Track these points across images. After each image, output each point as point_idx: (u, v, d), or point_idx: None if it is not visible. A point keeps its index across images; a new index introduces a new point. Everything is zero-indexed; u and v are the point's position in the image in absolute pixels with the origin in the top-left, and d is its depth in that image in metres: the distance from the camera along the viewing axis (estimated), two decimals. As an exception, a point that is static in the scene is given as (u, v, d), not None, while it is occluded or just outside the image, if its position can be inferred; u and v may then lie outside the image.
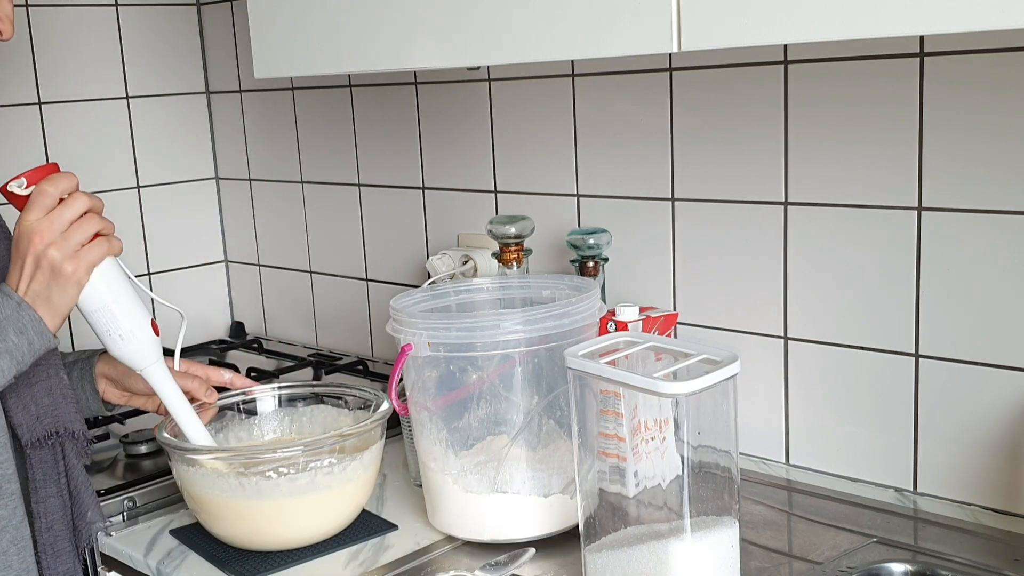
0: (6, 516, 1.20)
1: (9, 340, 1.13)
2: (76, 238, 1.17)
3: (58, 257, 1.15)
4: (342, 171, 2.09)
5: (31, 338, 1.15)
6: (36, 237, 1.15)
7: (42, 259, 1.15)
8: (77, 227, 1.17)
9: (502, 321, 1.24)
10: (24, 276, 1.16)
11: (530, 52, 1.15)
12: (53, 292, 1.16)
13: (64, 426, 1.26)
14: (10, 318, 1.14)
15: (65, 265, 1.16)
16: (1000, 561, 1.19)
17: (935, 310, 1.32)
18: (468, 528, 1.31)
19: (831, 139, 1.37)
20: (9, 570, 1.20)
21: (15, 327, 1.14)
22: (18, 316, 1.14)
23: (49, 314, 1.16)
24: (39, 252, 1.15)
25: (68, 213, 1.17)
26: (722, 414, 1.07)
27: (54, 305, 1.17)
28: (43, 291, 1.16)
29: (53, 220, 1.16)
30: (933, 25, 0.86)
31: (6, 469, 1.20)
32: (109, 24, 2.17)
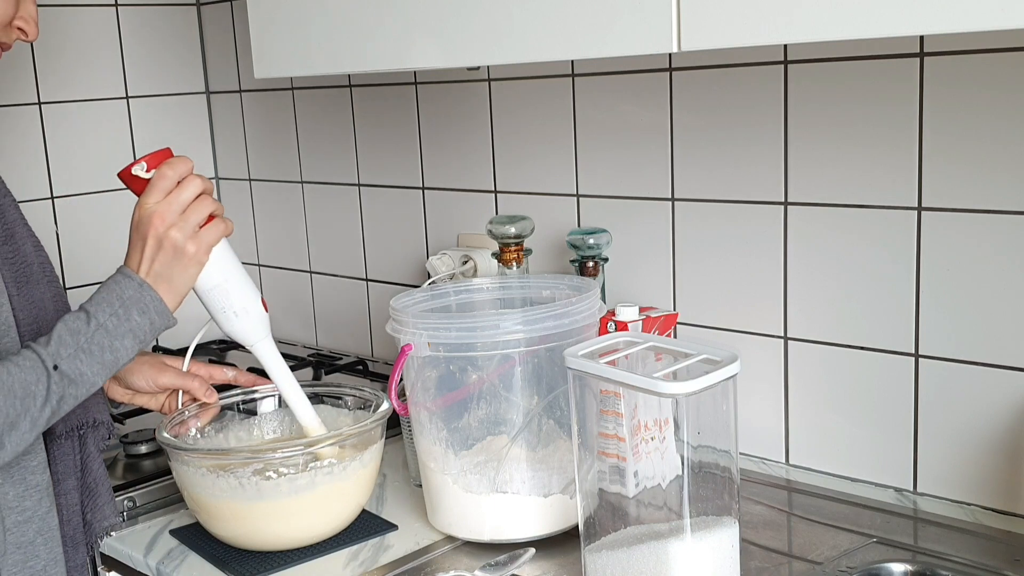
0: (32, 507, 1.21)
1: (133, 320, 1.16)
2: (194, 219, 1.21)
3: (180, 238, 1.19)
4: (342, 171, 2.10)
5: (152, 318, 1.17)
6: (157, 219, 1.18)
7: (164, 240, 1.19)
8: (194, 208, 1.21)
9: (502, 321, 1.24)
10: (146, 257, 1.18)
11: (530, 52, 1.15)
12: (175, 272, 1.20)
13: (93, 416, 1.28)
14: (133, 298, 1.16)
15: (188, 245, 1.20)
16: (1000, 561, 1.19)
17: (935, 310, 1.32)
18: (468, 528, 1.31)
19: (831, 139, 1.37)
20: (36, 560, 1.21)
21: (138, 307, 1.16)
22: (140, 296, 1.17)
23: (169, 294, 1.19)
24: (161, 233, 1.18)
25: (186, 195, 1.20)
26: (722, 414, 1.06)
27: (175, 285, 1.20)
28: (165, 271, 1.19)
29: (172, 202, 1.19)
30: (933, 25, 0.86)
31: (33, 460, 1.21)
32: (109, 24, 2.17)
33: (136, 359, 1.38)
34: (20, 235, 1.25)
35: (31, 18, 1.23)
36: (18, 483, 1.20)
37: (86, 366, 1.13)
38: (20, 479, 1.20)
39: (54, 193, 2.11)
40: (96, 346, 1.14)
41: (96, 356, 1.14)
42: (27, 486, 1.20)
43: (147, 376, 1.38)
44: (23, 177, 2.02)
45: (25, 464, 1.20)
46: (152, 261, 1.19)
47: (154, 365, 1.38)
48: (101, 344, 1.14)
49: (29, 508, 1.21)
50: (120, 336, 1.15)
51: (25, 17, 1.22)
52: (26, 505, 1.20)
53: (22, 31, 1.22)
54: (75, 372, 1.12)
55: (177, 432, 1.37)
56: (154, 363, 1.38)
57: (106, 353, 1.14)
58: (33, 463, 1.21)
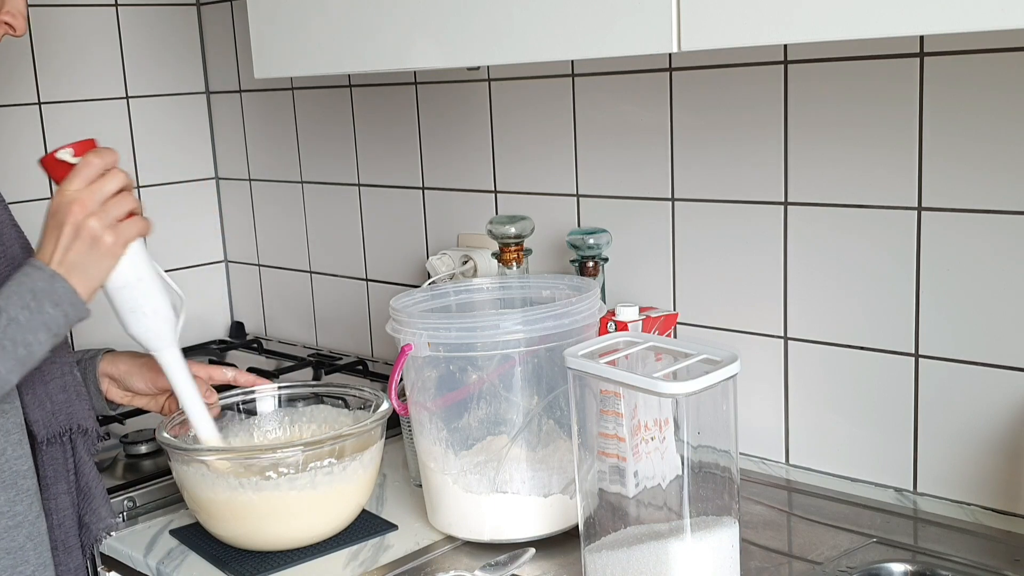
0: (22, 512, 1.20)
1: (46, 312, 1.12)
2: (115, 212, 1.17)
3: (98, 227, 1.16)
4: (342, 171, 2.09)
5: (66, 309, 1.14)
6: (77, 207, 1.15)
7: (82, 229, 1.15)
8: (116, 202, 1.18)
9: (502, 321, 1.24)
10: (60, 245, 1.15)
11: (530, 52, 1.15)
12: (90, 262, 1.16)
13: (78, 423, 1.27)
14: (44, 290, 1.13)
15: (105, 236, 1.16)
16: (1000, 561, 1.19)
17: (935, 310, 1.32)
18: (468, 528, 1.31)
19: (831, 139, 1.37)
20: (26, 565, 1.20)
21: (50, 299, 1.13)
22: (52, 288, 1.13)
23: (82, 284, 1.16)
24: (79, 222, 1.15)
25: (109, 186, 1.17)
26: (722, 414, 1.07)
27: (89, 276, 1.16)
28: (80, 261, 1.15)
29: (94, 191, 1.16)
30: (933, 25, 0.86)
31: (22, 465, 1.20)
32: (109, 24, 2.17)
33: (135, 361, 1.38)
34: (7, 236, 1.24)
35: (19, 12, 1.20)
36: (8, 488, 1.19)
37: (0, 363, 1.09)
38: (11, 484, 1.19)
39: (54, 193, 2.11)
40: (9, 341, 1.09)
41: (9, 352, 1.10)
42: (17, 491, 1.20)
43: (147, 378, 1.38)
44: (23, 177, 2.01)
45: (16, 469, 1.19)
46: (67, 250, 1.15)
47: (153, 367, 1.37)
48: (14, 339, 1.10)
49: (20, 513, 1.20)
50: (33, 330, 1.11)
51: (12, 12, 1.20)
52: (16, 510, 1.19)
53: (9, 26, 1.20)
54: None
55: (177, 432, 1.37)
56: (153, 365, 1.37)
57: (19, 348, 1.10)
58: (23, 468, 1.20)
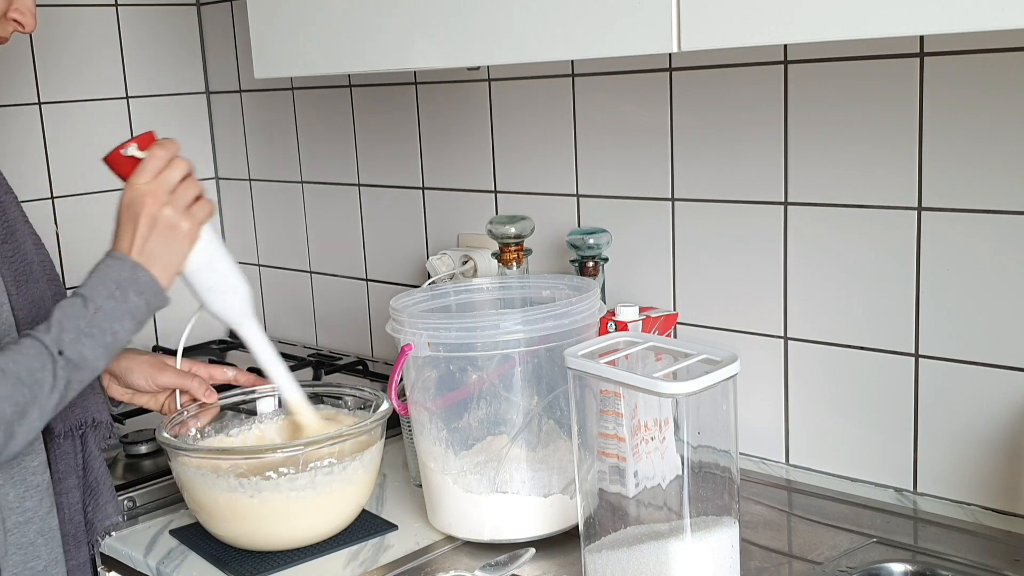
0: (33, 507, 1.21)
1: (130, 301, 1.16)
2: (185, 198, 1.21)
3: (174, 216, 1.19)
4: (342, 171, 2.09)
5: (148, 298, 1.18)
6: (150, 199, 1.19)
7: (159, 219, 1.19)
8: (184, 188, 1.21)
9: (502, 321, 1.24)
10: (139, 236, 1.18)
11: (530, 52, 1.15)
12: (170, 250, 1.20)
13: (92, 416, 1.28)
14: (128, 280, 1.16)
15: (182, 223, 1.20)
16: (1000, 561, 1.19)
17: (935, 310, 1.32)
18: (468, 528, 1.31)
19: (831, 139, 1.37)
20: (38, 560, 1.21)
21: (134, 288, 1.16)
22: (135, 277, 1.17)
23: (162, 272, 1.19)
24: (155, 213, 1.19)
25: (175, 175, 1.21)
26: (722, 414, 1.06)
27: (169, 264, 1.20)
28: (159, 250, 1.19)
29: (162, 182, 1.20)
30: (933, 25, 0.86)
31: (33, 461, 1.21)
32: (109, 24, 2.17)
33: (136, 358, 1.38)
34: (21, 233, 1.25)
35: (27, 9, 1.21)
36: (18, 484, 1.20)
37: (88, 350, 1.13)
38: (20, 480, 1.20)
39: (54, 193, 2.11)
40: (97, 329, 1.13)
41: (97, 339, 1.13)
42: (27, 487, 1.20)
43: (147, 375, 1.38)
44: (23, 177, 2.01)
45: (26, 465, 1.20)
46: (146, 240, 1.18)
47: (154, 364, 1.38)
48: (102, 327, 1.14)
49: (30, 509, 1.21)
50: (119, 318, 1.15)
51: (21, 9, 1.20)
52: (27, 506, 1.20)
53: (18, 23, 1.21)
54: (78, 356, 1.12)
55: (177, 432, 1.37)
56: (154, 362, 1.38)
57: (107, 336, 1.14)
58: (34, 463, 1.21)
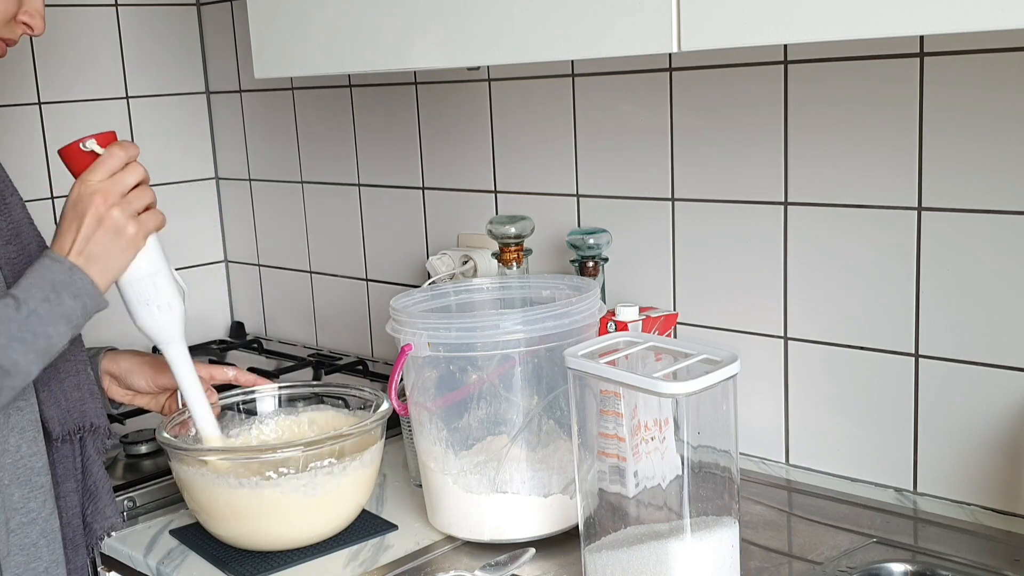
0: (36, 509, 1.20)
1: (65, 304, 1.13)
2: (136, 204, 1.19)
3: (121, 218, 1.17)
4: (342, 171, 2.09)
5: (85, 301, 1.15)
6: (99, 197, 1.16)
7: (105, 219, 1.16)
8: (137, 194, 1.19)
9: (502, 321, 1.24)
10: (81, 236, 1.16)
11: (530, 52, 1.15)
12: (111, 253, 1.17)
13: (90, 420, 1.27)
14: (63, 282, 1.13)
15: (128, 226, 1.17)
16: (1000, 561, 1.19)
17: (935, 310, 1.32)
18: (468, 528, 1.31)
19: (831, 139, 1.37)
20: (39, 562, 1.21)
21: (69, 291, 1.13)
22: (71, 280, 1.14)
23: (100, 276, 1.16)
24: (103, 212, 1.16)
25: (130, 179, 1.18)
26: (722, 414, 1.06)
27: (108, 267, 1.17)
28: (100, 252, 1.16)
29: (116, 183, 1.17)
30: (933, 25, 0.86)
31: (36, 462, 1.21)
32: (109, 24, 2.17)
33: (137, 360, 1.38)
34: (26, 235, 1.24)
35: (37, 12, 1.20)
36: (24, 484, 1.19)
37: (20, 355, 1.09)
38: (26, 480, 1.20)
39: (54, 193, 2.11)
40: (30, 333, 1.10)
41: (30, 344, 1.10)
42: (32, 487, 1.20)
43: (147, 377, 1.38)
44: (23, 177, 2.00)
45: (31, 465, 1.20)
46: (88, 241, 1.15)
47: (154, 365, 1.38)
48: (35, 331, 1.10)
49: (34, 510, 1.20)
50: (53, 322, 1.12)
51: (31, 11, 1.20)
52: (31, 507, 1.20)
53: (28, 26, 1.20)
54: (9, 362, 1.09)
55: (177, 432, 1.37)
56: (154, 363, 1.38)
57: (40, 340, 1.11)
58: (38, 464, 1.21)
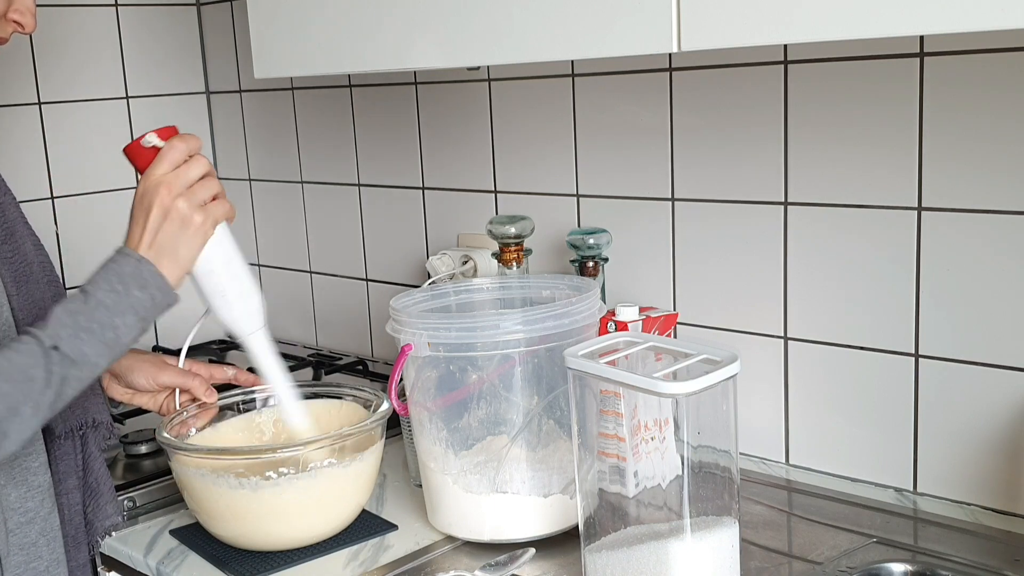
0: (34, 508, 1.20)
1: (132, 295, 1.12)
2: (202, 194, 1.18)
3: (187, 208, 1.16)
4: (342, 171, 2.09)
5: (153, 293, 1.14)
6: (164, 189, 1.16)
7: (171, 210, 1.16)
8: (202, 184, 1.19)
9: (502, 321, 1.24)
10: (149, 228, 1.15)
11: (530, 52, 1.15)
12: (180, 243, 1.16)
13: (92, 417, 1.27)
14: (131, 274, 1.13)
15: (195, 216, 1.17)
16: (1000, 561, 1.19)
17: (935, 310, 1.32)
18: (468, 528, 1.31)
19: (831, 139, 1.37)
20: (39, 561, 1.21)
21: (137, 282, 1.13)
22: (139, 272, 1.13)
23: (172, 268, 1.16)
24: (168, 204, 1.16)
25: (194, 171, 1.18)
26: (722, 414, 1.06)
27: (179, 257, 1.17)
28: (169, 243, 1.16)
29: (180, 175, 1.17)
30: (933, 25, 0.86)
31: (34, 461, 1.21)
32: (109, 24, 2.17)
33: (137, 357, 1.38)
34: (20, 234, 1.24)
35: (27, 10, 1.20)
36: (20, 484, 1.19)
37: (87, 346, 1.09)
38: (22, 480, 1.20)
39: (54, 193, 2.11)
40: (96, 324, 1.10)
41: (97, 334, 1.10)
42: (29, 487, 1.20)
43: (148, 374, 1.38)
44: (23, 177, 2.01)
45: (27, 465, 1.20)
46: (156, 232, 1.15)
47: (155, 363, 1.38)
48: (102, 322, 1.10)
49: (32, 509, 1.20)
50: (120, 312, 1.11)
51: (21, 9, 1.19)
52: (28, 506, 1.20)
53: (18, 24, 1.20)
54: (76, 352, 1.08)
55: (177, 432, 1.37)
56: (155, 361, 1.38)
57: (107, 331, 1.10)
58: (35, 464, 1.21)
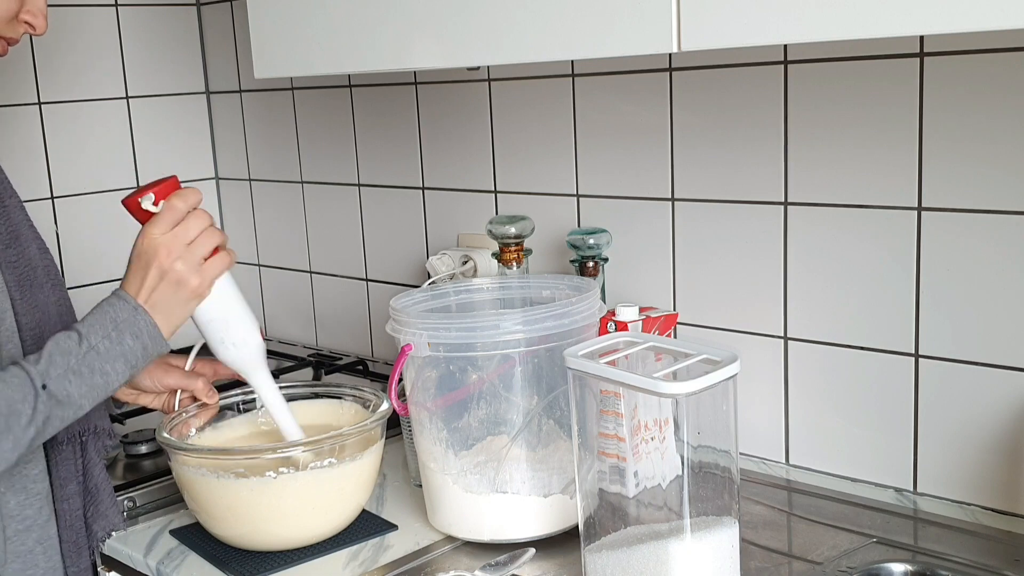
0: (32, 516, 1.20)
1: (125, 344, 1.15)
2: (200, 252, 1.19)
3: (184, 271, 1.18)
4: (342, 171, 2.09)
5: (145, 342, 1.16)
6: (163, 251, 1.17)
7: (169, 272, 1.17)
8: (201, 241, 1.20)
9: (502, 321, 1.24)
10: (146, 287, 1.17)
11: (530, 52, 1.15)
12: (175, 304, 1.19)
13: (93, 423, 1.27)
14: (127, 322, 1.15)
15: (191, 279, 1.19)
16: (1000, 561, 1.19)
17: (935, 310, 1.32)
18: (468, 528, 1.31)
19: (831, 139, 1.37)
20: (36, 569, 1.21)
21: (131, 331, 1.15)
22: (135, 320, 1.16)
23: (165, 322, 1.19)
24: (166, 266, 1.17)
25: (193, 229, 1.19)
26: (722, 414, 1.06)
27: (173, 315, 1.19)
28: (164, 302, 1.18)
29: (179, 235, 1.18)
30: (933, 25, 0.86)
31: (33, 469, 1.21)
32: (109, 24, 2.17)
33: None
34: (25, 237, 1.24)
35: (39, 11, 1.20)
36: (19, 491, 1.19)
37: (75, 388, 1.11)
38: (21, 488, 1.20)
39: (54, 193, 2.11)
40: (87, 368, 1.12)
41: (86, 378, 1.12)
42: (28, 494, 1.20)
43: (153, 376, 1.38)
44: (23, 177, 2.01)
45: (26, 473, 1.20)
46: (152, 291, 1.17)
47: (160, 365, 1.37)
48: (92, 367, 1.12)
49: (30, 517, 1.20)
50: (112, 359, 1.14)
51: (32, 11, 1.20)
52: (27, 514, 1.20)
53: (30, 25, 1.20)
54: (63, 393, 1.10)
55: (177, 432, 1.37)
56: (160, 363, 1.38)
57: (96, 376, 1.13)
58: (34, 472, 1.21)
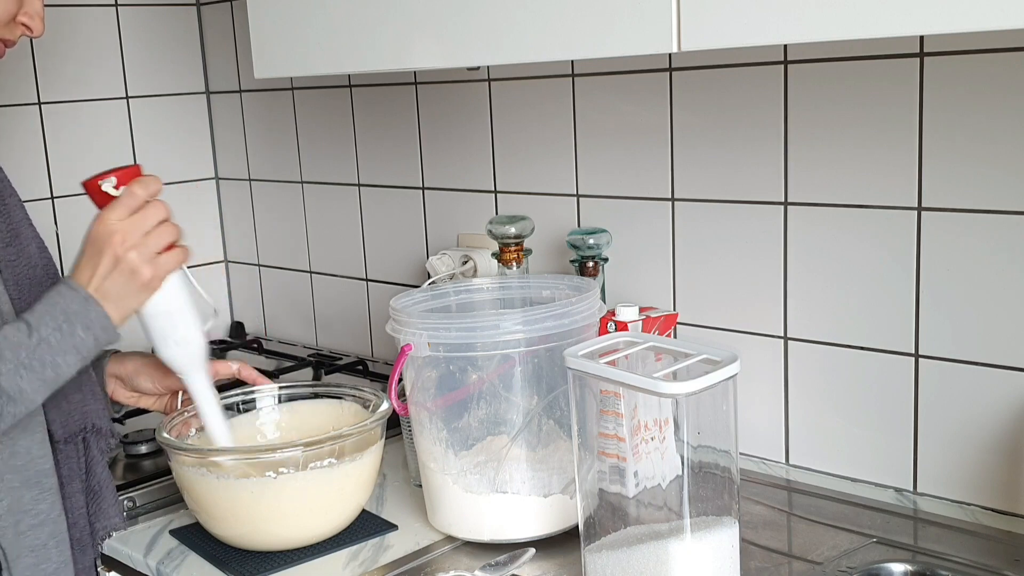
0: (45, 511, 1.21)
1: (77, 335, 1.13)
2: (155, 244, 1.18)
3: (138, 261, 1.16)
4: (342, 171, 2.09)
5: (97, 333, 1.15)
6: (117, 237, 1.16)
7: (121, 260, 1.16)
8: (157, 233, 1.18)
9: (502, 321, 1.24)
10: (98, 274, 1.15)
11: (530, 52, 1.15)
12: (127, 293, 1.17)
13: (92, 422, 1.27)
14: (77, 313, 1.14)
15: (144, 269, 1.17)
16: (1000, 561, 1.19)
17: (934, 310, 1.32)
18: (468, 528, 1.31)
19: (831, 139, 1.37)
20: (48, 563, 1.21)
21: (82, 322, 1.13)
22: (85, 311, 1.14)
23: (116, 312, 1.17)
24: (120, 254, 1.16)
25: (151, 219, 1.18)
26: (722, 414, 1.07)
27: (123, 305, 1.17)
28: (115, 290, 1.16)
29: (136, 223, 1.17)
30: (933, 25, 0.86)
31: (44, 464, 1.21)
32: (109, 24, 2.17)
33: (142, 361, 1.38)
34: (25, 236, 1.24)
35: (36, 14, 1.21)
36: (32, 486, 1.20)
37: (26, 382, 1.10)
38: (35, 482, 1.20)
39: (54, 193, 2.11)
40: (38, 362, 1.10)
41: (37, 372, 1.11)
42: (42, 489, 1.20)
43: (153, 377, 1.38)
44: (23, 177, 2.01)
45: (40, 468, 1.20)
46: (104, 279, 1.15)
47: (159, 367, 1.37)
48: (43, 360, 1.11)
49: (43, 511, 1.20)
50: (63, 352, 1.12)
51: (30, 13, 1.20)
52: (40, 508, 1.20)
53: (27, 27, 1.21)
54: (14, 389, 1.09)
55: (177, 432, 1.37)
56: (159, 365, 1.37)
57: (47, 370, 1.11)
58: (46, 466, 1.21)
